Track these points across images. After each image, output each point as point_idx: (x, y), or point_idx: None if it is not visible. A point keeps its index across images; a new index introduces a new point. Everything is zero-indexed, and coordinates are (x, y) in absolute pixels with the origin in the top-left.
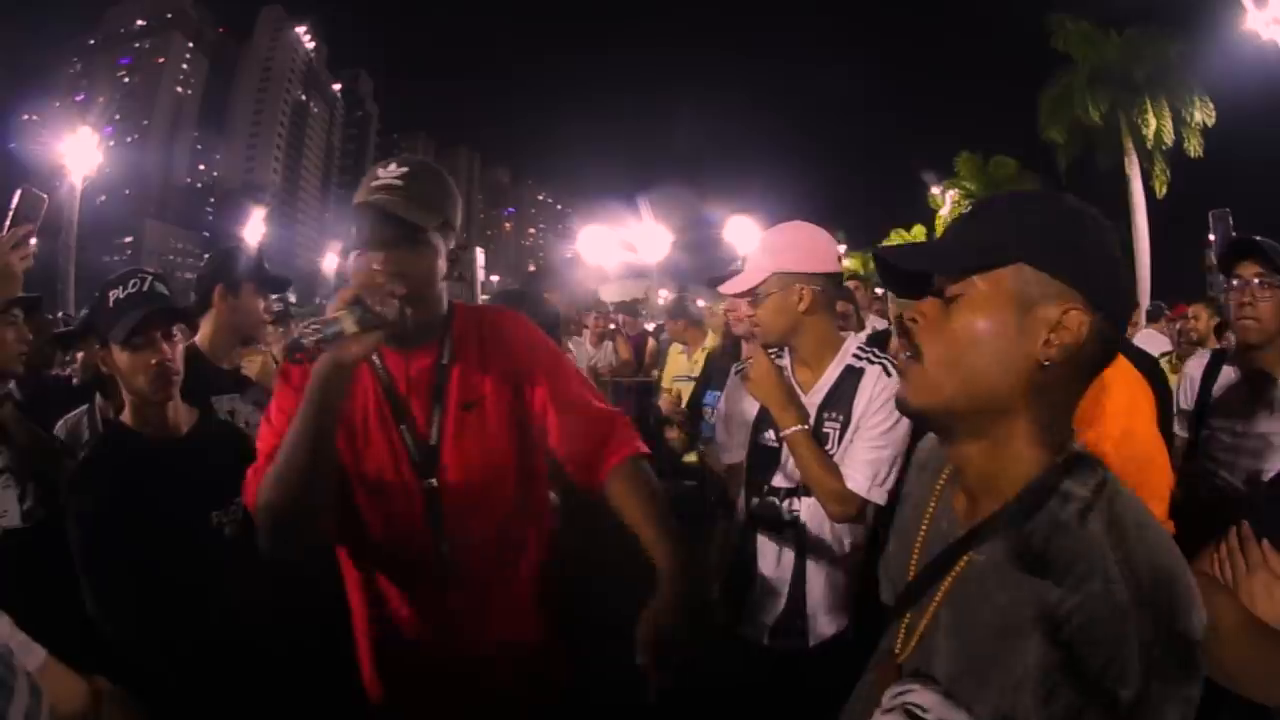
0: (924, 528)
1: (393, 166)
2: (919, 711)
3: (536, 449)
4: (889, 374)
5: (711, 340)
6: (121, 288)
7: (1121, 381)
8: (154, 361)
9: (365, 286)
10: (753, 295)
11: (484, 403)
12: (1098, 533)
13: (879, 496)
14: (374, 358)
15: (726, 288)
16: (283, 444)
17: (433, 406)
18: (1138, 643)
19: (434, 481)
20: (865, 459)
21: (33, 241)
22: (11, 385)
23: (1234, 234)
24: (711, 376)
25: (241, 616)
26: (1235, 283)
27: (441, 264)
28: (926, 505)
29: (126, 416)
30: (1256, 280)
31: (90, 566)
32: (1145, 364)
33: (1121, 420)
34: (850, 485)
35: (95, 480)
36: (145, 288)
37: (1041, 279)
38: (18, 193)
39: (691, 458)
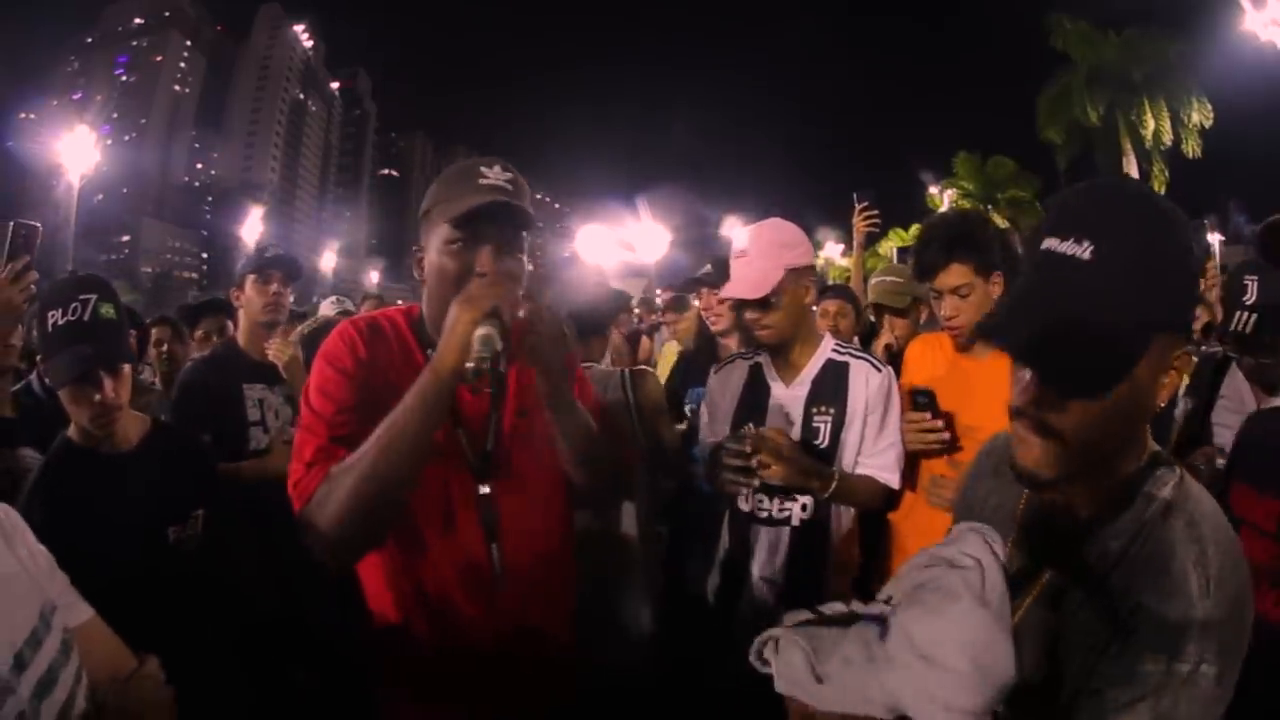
0: (1014, 529)
1: (497, 169)
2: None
3: None
4: (878, 370)
5: (683, 339)
6: (61, 310)
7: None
8: (96, 400)
9: (498, 286)
10: (770, 298)
11: (538, 410)
12: (1178, 531)
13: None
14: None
15: (743, 292)
16: (373, 455)
17: (490, 412)
18: (1207, 613)
19: (488, 487)
20: (894, 456)
21: (33, 273)
22: (33, 378)
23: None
24: (690, 374)
25: (204, 635)
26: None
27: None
28: (1013, 510)
29: (74, 432)
30: None
31: None
32: None
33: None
34: (888, 482)
35: (41, 501)
36: (87, 315)
37: (1170, 339)
38: (9, 226)
39: None
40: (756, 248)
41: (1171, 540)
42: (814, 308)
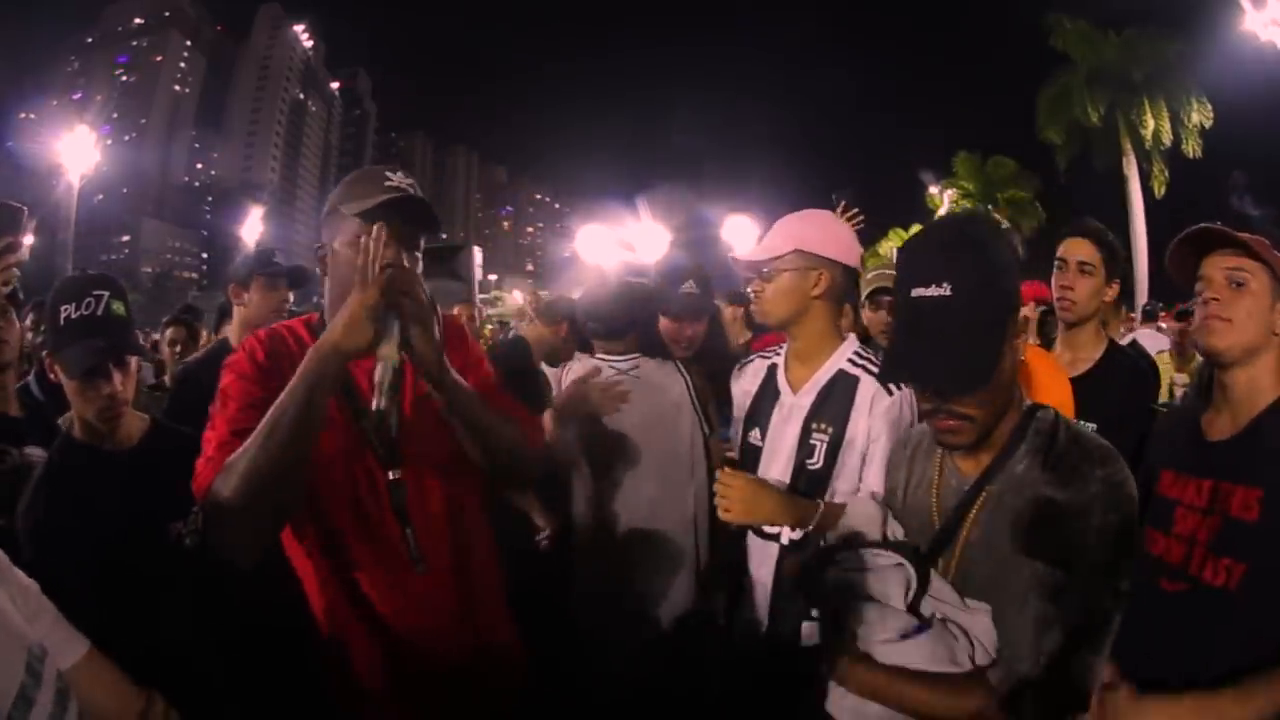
0: (935, 490)
1: (400, 174)
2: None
3: None
4: (890, 392)
5: None
6: (74, 305)
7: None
8: (105, 393)
9: (398, 281)
10: (766, 269)
11: (434, 396)
12: (1063, 443)
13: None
14: None
15: (743, 255)
16: (262, 435)
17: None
18: (1086, 506)
19: (398, 471)
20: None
21: (25, 248)
22: (30, 379)
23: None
24: None
25: (206, 628)
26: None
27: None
28: (931, 475)
29: (77, 430)
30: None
31: (42, 588)
32: (1145, 360)
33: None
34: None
35: (45, 498)
36: (100, 310)
37: (1015, 315)
38: None
39: None
40: (779, 224)
41: (1059, 454)
42: (839, 309)
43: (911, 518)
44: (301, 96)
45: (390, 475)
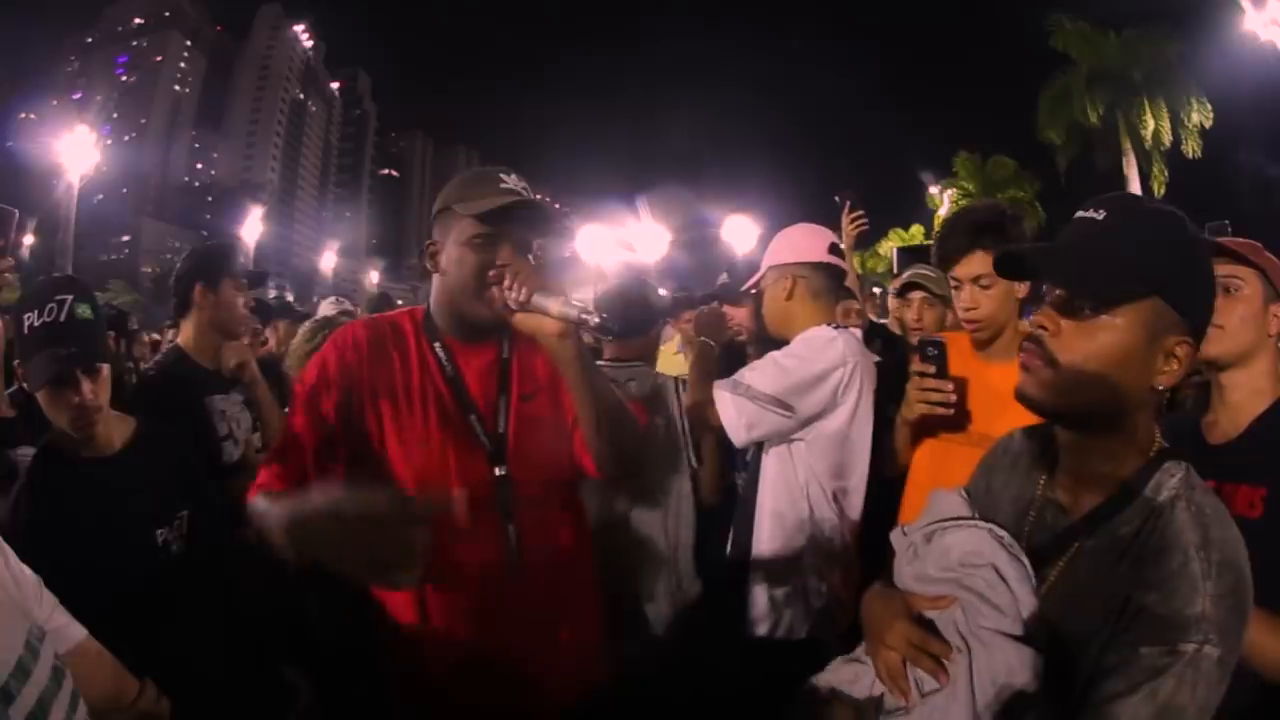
0: (1031, 517)
1: (514, 176)
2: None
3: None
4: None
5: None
6: (36, 312)
7: None
8: (75, 401)
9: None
10: (757, 293)
11: (541, 394)
12: (1183, 518)
13: (736, 427)
14: (440, 351)
15: (744, 287)
16: (293, 515)
17: (498, 397)
18: (1211, 597)
19: (503, 469)
20: (744, 405)
21: (24, 248)
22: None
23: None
24: None
25: (195, 634)
26: None
27: None
28: (1030, 499)
29: (56, 437)
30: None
31: None
32: None
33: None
34: (719, 411)
35: (26, 507)
36: (63, 315)
37: (1168, 313)
38: None
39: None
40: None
41: (1177, 527)
42: (824, 304)
43: None
44: (301, 96)
45: (497, 471)
